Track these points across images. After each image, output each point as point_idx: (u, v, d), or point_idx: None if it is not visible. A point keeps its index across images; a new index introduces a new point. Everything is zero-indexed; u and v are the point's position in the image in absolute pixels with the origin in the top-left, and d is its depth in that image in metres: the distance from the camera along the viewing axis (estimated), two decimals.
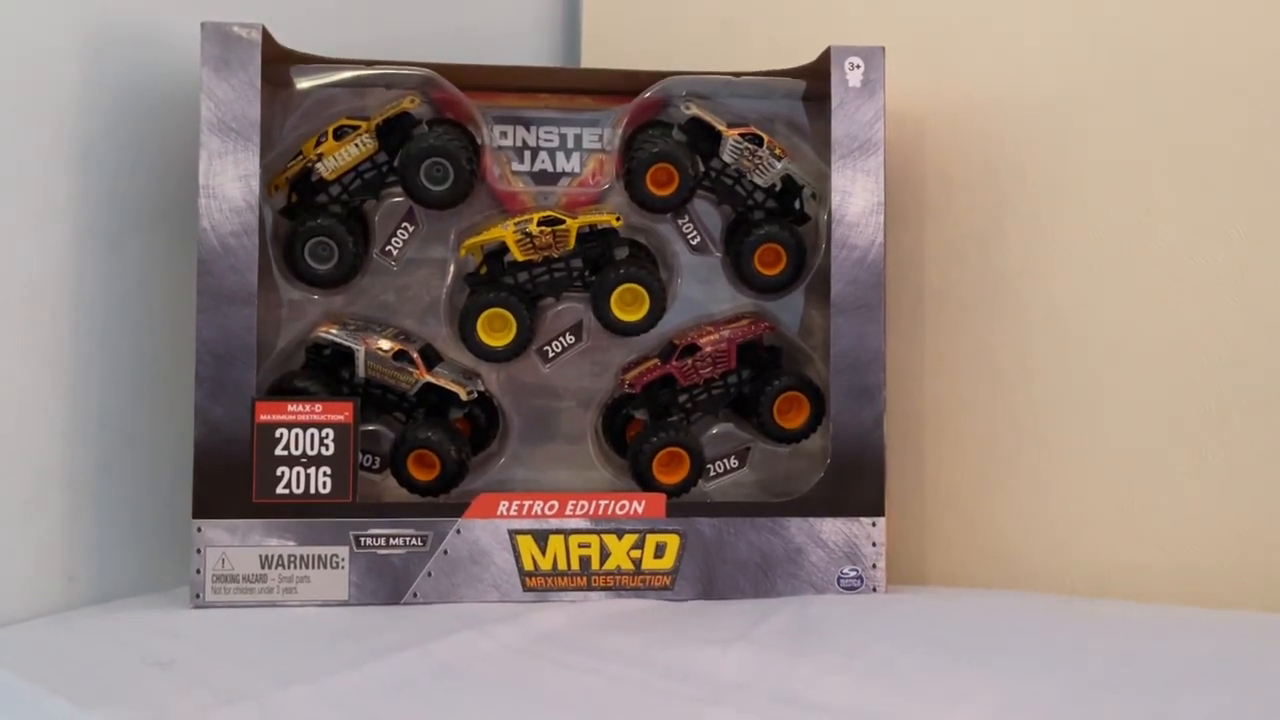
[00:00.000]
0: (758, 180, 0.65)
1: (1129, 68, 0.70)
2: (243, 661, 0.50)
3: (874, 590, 0.62)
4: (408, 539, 0.59)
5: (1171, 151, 0.70)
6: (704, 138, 0.65)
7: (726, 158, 0.65)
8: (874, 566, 0.62)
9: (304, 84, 0.65)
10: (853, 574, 0.62)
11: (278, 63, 0.62)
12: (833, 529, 0.62)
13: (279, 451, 0.59)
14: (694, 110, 0.65)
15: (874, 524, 0.62)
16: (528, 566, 0.60)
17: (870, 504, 0.62)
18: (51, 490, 0.60)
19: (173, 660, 0.49)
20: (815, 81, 0.65)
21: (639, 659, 0.50)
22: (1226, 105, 0.69)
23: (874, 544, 0.62)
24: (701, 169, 0.65)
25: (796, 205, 0.66)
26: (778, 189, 0.66)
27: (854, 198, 0.63)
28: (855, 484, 0.62)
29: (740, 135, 0.64)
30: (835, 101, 0.63)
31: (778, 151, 0.65)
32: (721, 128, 0.65)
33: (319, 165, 0.63)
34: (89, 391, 0.61)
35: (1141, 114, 0.70)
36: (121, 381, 0.62)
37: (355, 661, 0.49)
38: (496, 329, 0.64)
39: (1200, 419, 0.68)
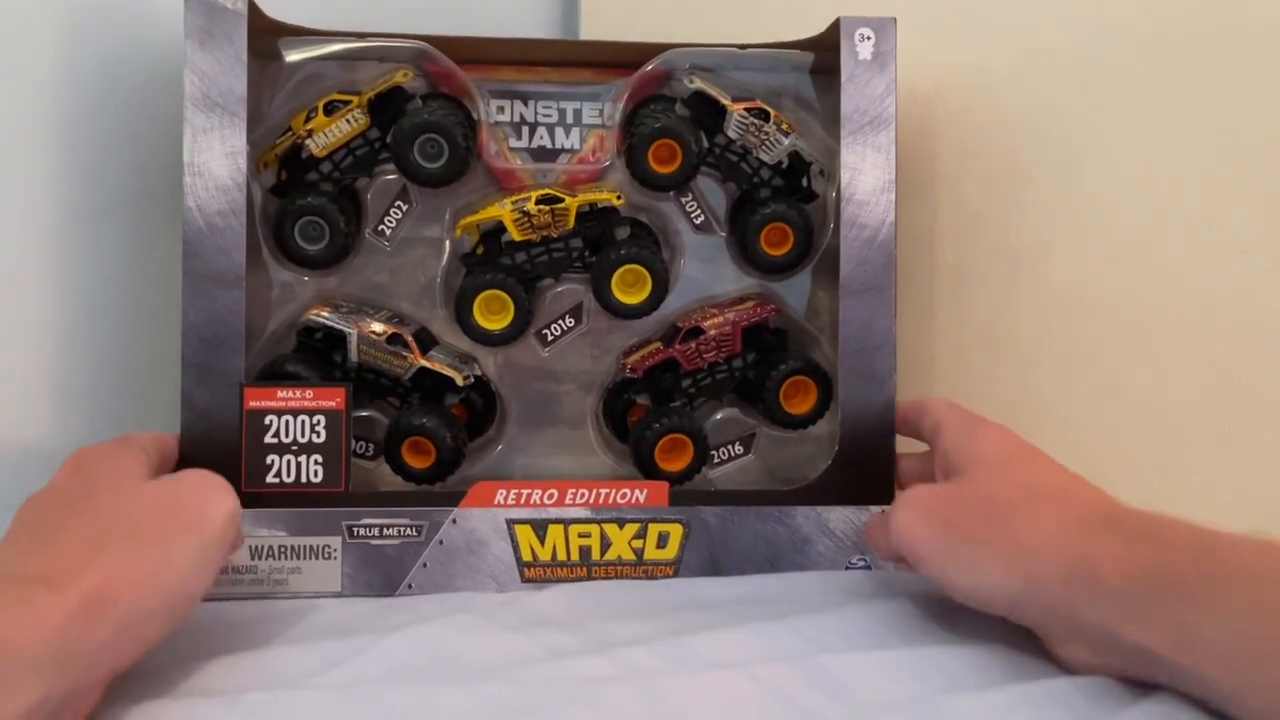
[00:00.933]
0: (764, 157, 0.63)
1: (1148, 36, 0.68)
2: (232, 653, 0.48)
3: None
4: (402, 529, 0.58)
5: (1193, 120, 0.68)
6: (708, 113, 0.63)
7: (732, 133, 0.62)
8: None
9: (293, 57, 0.62)
10: (861, 564, 0.60)
11: (265, 35, 0.60)
12: (840, 517, 0.60)
13: (269, 439, 0.57)
14: (698, 84, 0.63)
15: (883, 512, 0.60)
16: (526, 557, 0.58)
17: (879, 492, 0.60)
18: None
19: None
20: (824, 54, 0.62)
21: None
22: (1250, 73, 0.67)
23: None
24: (705, 145, 0.63)
25: (804, 183, 0.64)
26: (785, 166, 0.64)
27: (864, 175, 0.60)
28: (864, 471, 0.60)
29: (746, 110, 0.62)
30: (845, 75, 0.60)
31: (785, 127, 0.62)
32: (726, 102, 0.62)
33: (309, 142, 0.60)
34: (73, 377, 0.59)
35: (1161, 83, 0.68)
36: (107, 366, 0.60)
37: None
38: (494, 311, 0.62)
39: (1221, 397, 0.66)
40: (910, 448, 0.65)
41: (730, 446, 0.65)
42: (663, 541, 0.59)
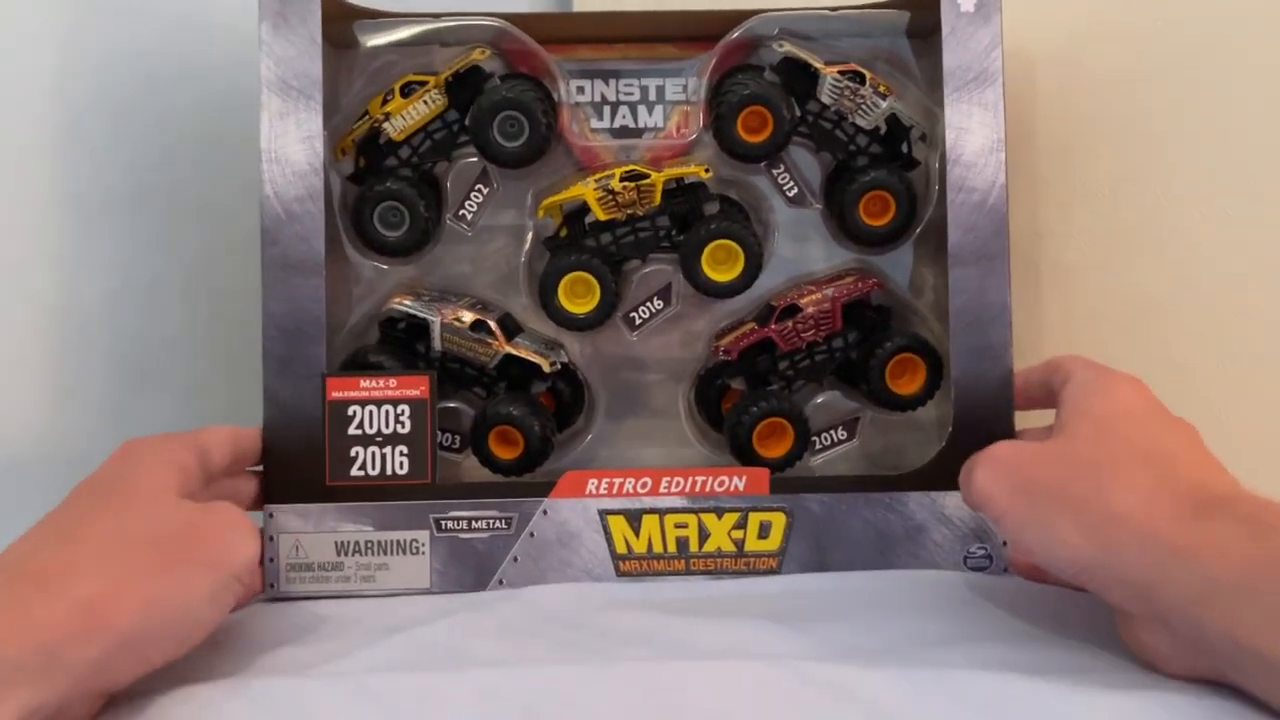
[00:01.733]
0: (860, 122, 0.59)
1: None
2: (234, 649, 0.47)
3: (1005, 570, 0.55)
4: (491, 521, 0.55)
5: None
6: (799, 78, 0.60)
7: (825, 99, 0.59)
8: (1004, 544, 0.55)
9: (370, 42, 0.61)
10: (981, 553, 0.55)
11: (339, 20, 0.58)
12: (957, 503, 0.55)
13: (352, 431, 0.55)
14: (787, 48, 0.59)
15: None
16: (620, 549, 0.55)
17: None
18: None
19: None
20: (921, 12, 0.59)
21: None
22: None
23: None
24: (797, 112, 0.59)
25: (904, 149, 0.60)
26: (883, 132, 0.60)
27: (970, 134, 0.56)
28: None
29: (840, 73, 0.59)
30: (946, 29, 0.56)
31: (882, 89, 0.59)
32: (819, 65, 0.59)
33: (386, 125, 0.59)
34: (77, 378, 0.58)
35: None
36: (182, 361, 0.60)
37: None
38: (579, 295, 0.59)
39: None
40: (1031, 413, 0.62)
41: (833, 431, 0.61)
42: (764, 531, 0.55)
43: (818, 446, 0.61)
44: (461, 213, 0.61)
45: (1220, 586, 0.38)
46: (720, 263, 0.59)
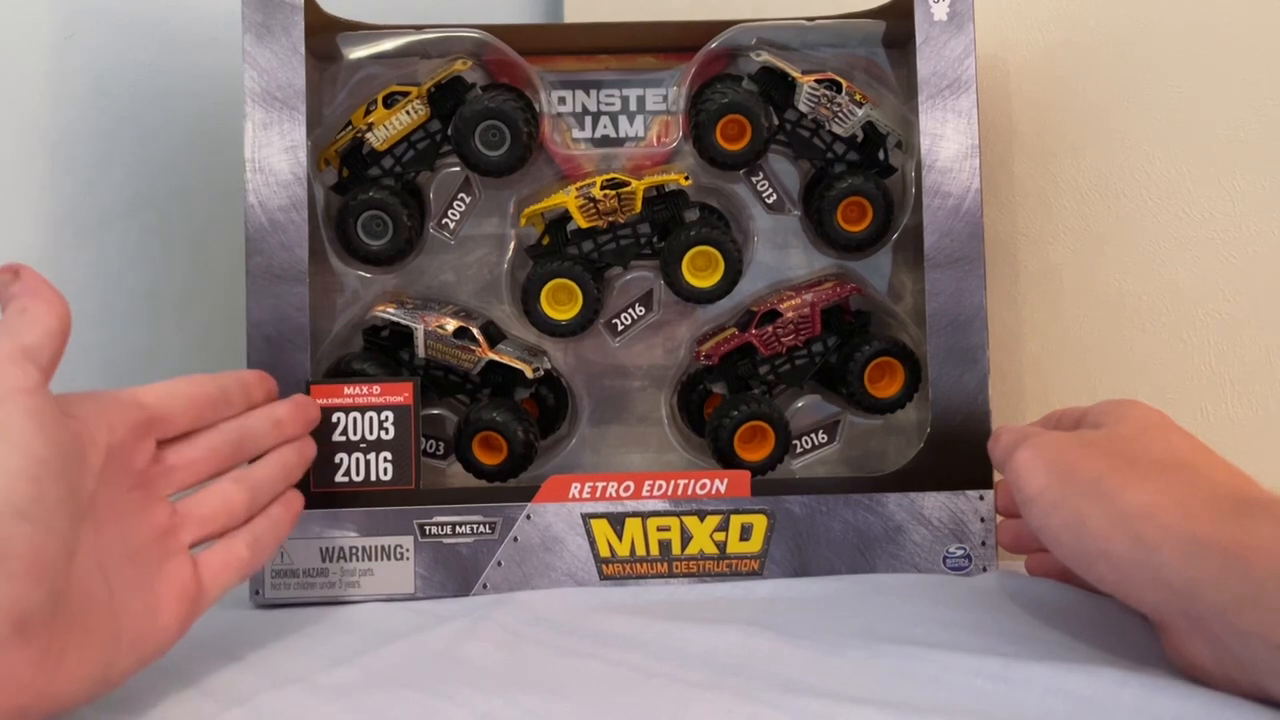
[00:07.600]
0: (837, 130, 0.60)
1: None
2: (234, 659, 0.47)
3: (984, 570, 0.56)
4: (475, 526, 0.55)
5: None
6: (777, 87, 0.60)
7: (802, 107, 0.60)
8: (983, 544, 0.56)
9: (354, 54, 0.61)
10: (959, 553, 0.56)
11: (322, 32, 0.59)
12: (936, 504, 0.56)
13: (336, 437, 0.55)
14: (765, 58, 0.60)
15: (981, 498, 0.56)
16: (604, 553, 0.56)
17: (976, 476, 0.56)
18: None
19: None
20: (896, 22, 0.60)
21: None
22: None
23: (982, 519, 0.56)
24: (775, 121, 0.60)
25: (880, 156, 0.61)
26: (859, 139, 0.61)
27: (945, 141, 0.57)
28: (959, 455, 0.56)
29: (817, 82, 0.59)
30: (920, 37, 0.57)
31: (858, 97, 0.60)
32: (796, 75, 0.60)
33: (369, 135, 0.59)
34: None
35: (1260, 45, 0.64)
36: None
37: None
38: (561, 302, 0.60)
39: None
40: (1007, 415, 0.63)
41: (814, 435, 0.62)
42: (746, 534, 0.56)
43: (799, 450, 0.62)
44: (444, 221, 0.62)
45: (1265, 589, 0.36)
46: (701, 269, 0.60)
